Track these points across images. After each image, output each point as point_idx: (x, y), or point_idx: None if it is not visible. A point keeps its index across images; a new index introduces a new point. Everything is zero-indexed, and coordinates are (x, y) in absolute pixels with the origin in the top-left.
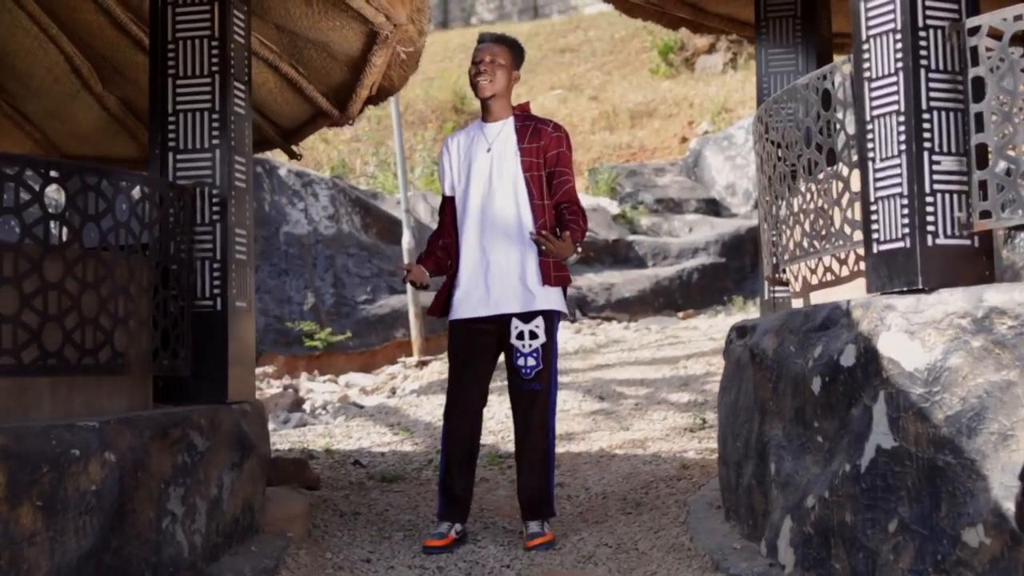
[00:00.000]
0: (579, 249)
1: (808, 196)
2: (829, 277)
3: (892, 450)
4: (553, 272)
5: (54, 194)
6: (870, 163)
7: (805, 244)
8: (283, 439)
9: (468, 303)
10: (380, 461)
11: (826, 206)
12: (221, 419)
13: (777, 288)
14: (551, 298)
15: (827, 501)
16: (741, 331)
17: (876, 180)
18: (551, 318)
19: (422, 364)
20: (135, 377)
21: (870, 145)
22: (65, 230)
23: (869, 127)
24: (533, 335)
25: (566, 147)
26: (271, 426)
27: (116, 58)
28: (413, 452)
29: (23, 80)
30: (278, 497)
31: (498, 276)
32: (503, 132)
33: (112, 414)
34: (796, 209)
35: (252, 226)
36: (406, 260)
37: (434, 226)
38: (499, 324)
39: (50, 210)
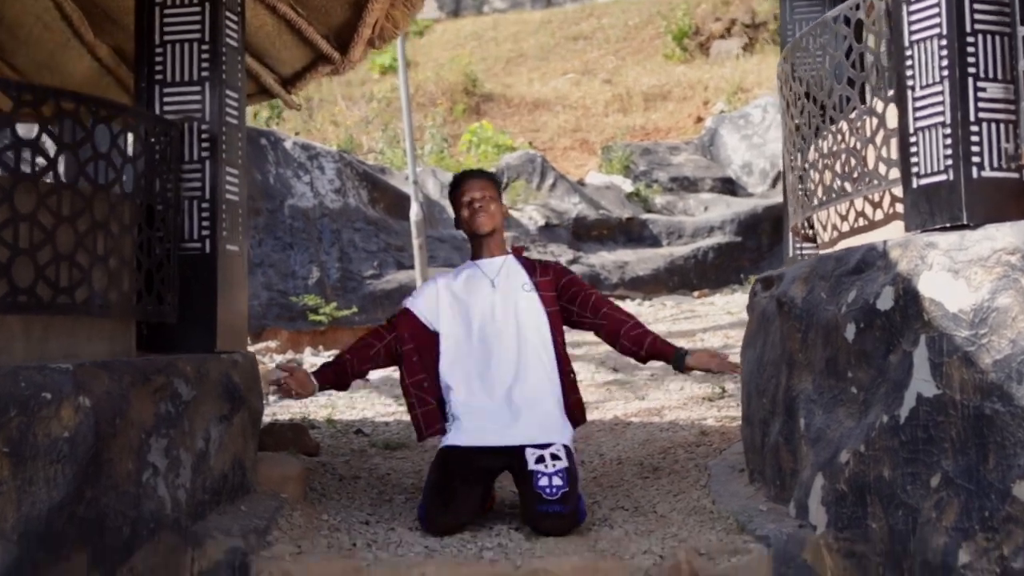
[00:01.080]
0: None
1: (839, 137)
2: (861, 222)
3: (934, 398)
4: (581, 411)
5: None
6: (909, 92)
7: (836, 187)
8: (283, 410)
9: (471, 432)
10: (384, 430)
11: (859, 145)
12: (209, 368)
13: (803, 245)
14: (567, 433)
15: (863, 456)
16: (767, 282)
17: (916, 110)
18: (569, 449)
19: None
20: (116, 322)
21: (909, 73)
22: (40, 160)
23: (908, 53)
24: (555, 457)
25: (574, 276)
26: (271, 398)
27: (107, 3)
28: None
29: (12, 30)
30: (272, 459)
31: (507, 409)
32: (505, 268)
33: (90, 359)
34: (826, 151)
35: (245, 166)
36: (415, 234)
37: (446, 202)
38: (506, 457)
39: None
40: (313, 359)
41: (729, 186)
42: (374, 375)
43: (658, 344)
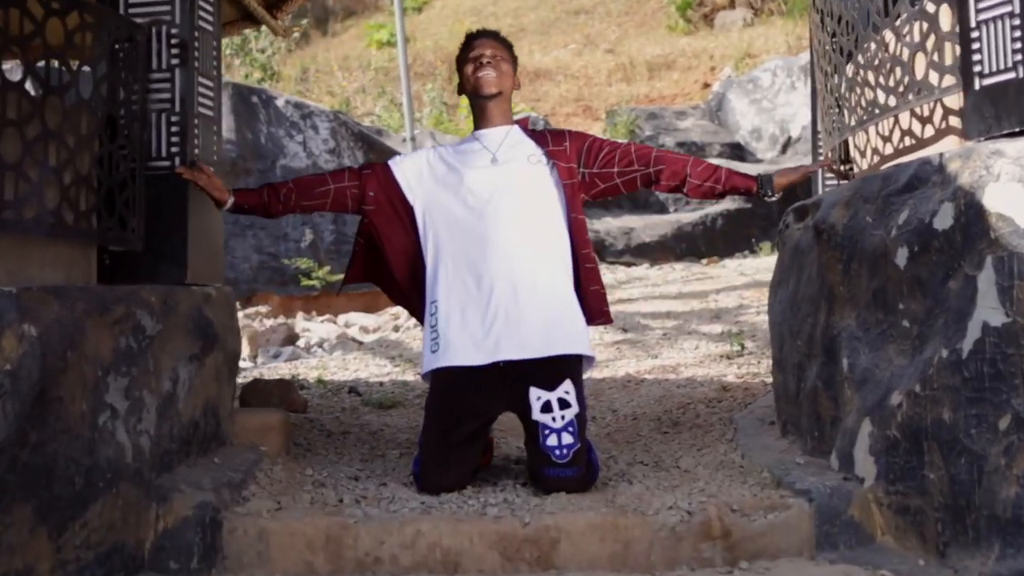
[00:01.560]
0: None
1: (881, 47)
2: (908, 142)
3: (1003, 328)
4: (601, 305)
5: None
6: None
7: (879, 103)
8: (272, 372)
9: (464, 346)
10: (378, 389)
11: (906, 53)
12: (177, 300)
13: (829, 180)
14: (582, 339)
15: (918, 397)
16: (800, 211)
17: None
18: (579, 372)
19: None
20: (73, 247)
21: None
22: None
23: None
24: (564, 403)
25: (596, 137)
26: (260, 360)
27: None
28: (415, 381)
29: None
30: (253, 411)
31: (513, 312)
32: (508, 139)
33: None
34: (866, 64)
35: (220, 78)
36: None
37: None
38: (507, 382)
39: None
40: (304, 324)
41: (738, 152)
42: (368, 338)
43: (735, 174)
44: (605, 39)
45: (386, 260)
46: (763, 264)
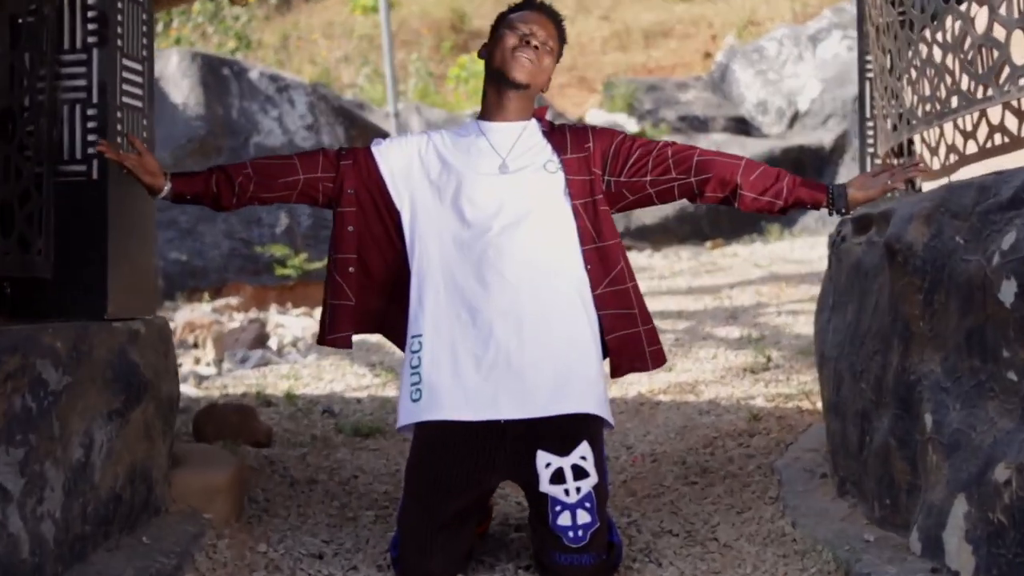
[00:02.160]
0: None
1: (962, 28)
2: (999, 140)
3: None
4: (636, 348)
5: None
6: None
7: (961, 92)
8: (237, 382)
9: (454, 398)
10: (355, 409)
11: (998, 31)
12: (92, 342)
13: None
14: (598, 397)
15: None
16: (862, 223)
17: None
18: (599, 432)
19: None
20: None
21: None
22: None
23: None
24: (580, 472)
25: (626, 135)
26: (226, 366)
27: None
28: (396, 399)
29: None
30: (201, 457)
31: (516, 358)
32: (523, 140)
33: None
34: (944, 43)
35: (151, 60)
36: None
37: None
38: (508, 444)
39: None
40: (279, 319)
41: (743, 126)
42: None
43: (800, 185)
44: (598, 5)
45: (365, 275)
46: (776, 252)
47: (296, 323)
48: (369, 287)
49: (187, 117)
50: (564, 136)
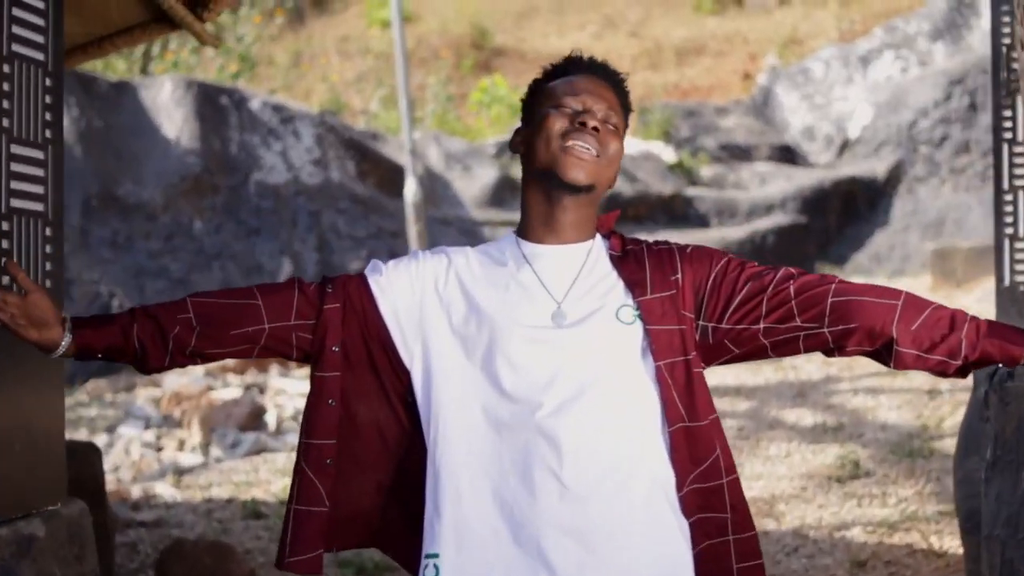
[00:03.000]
0: None
1: None
2: None
3: None
4: (737, 564)
5: None
6: None
7: None
8: (223, 478)
9: None
10: None
11: None
12: None
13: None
14: None
15: None
16: None
17: None
18: None
19: None
20: None
21: None
22: None
23: None
24: None
25: (730, 257)
26: (213, 452)
27: None
28: None
29: None
30: None
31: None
32: (588, 273)
33: None
34: None
35: (59, 146)
36: (412, 217)
37: (451, 176)
38: None
39: None
40: (280, 383)
41: (788, 155)
42: None
43: (984, 336)
44: (626, 20)
45: (352, 465)
46: None
47: (298, 388)
48: (356, 482)
49: (180, 152)
50: (642, 263)
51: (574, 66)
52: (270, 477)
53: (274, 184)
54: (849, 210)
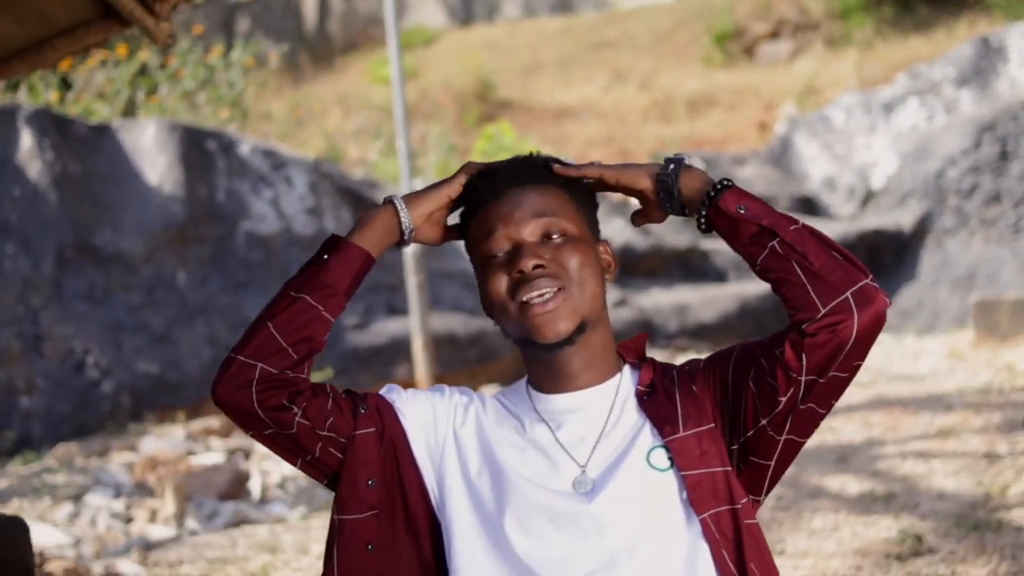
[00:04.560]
0: None
1: None
2: None
3: None
4: None
5: None
6: None
7: None
8: (195, 554)
9: None
10: None
11: None
12: None
13: None
14: None
15: None
16: None
17: None
18: None
19: None
20: None
21: None
22: None
23: None
24: None
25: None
26: (188, 523)
27: None
28: None
29: None
30: None
31: None
32: (615, 417)
33: None
34: None
35: None
36: (411, 270)
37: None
38: None
39: None
40: (266, 450)
41: (809, 206)
42: None
43: None
44: (635, 73)
45: None
46: (872, 363)
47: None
48: None
49: (163, 199)
50: (672, 394)
51: (484, 187)
52: (248, 553)
53: (264, 234)
54: (874, 264)
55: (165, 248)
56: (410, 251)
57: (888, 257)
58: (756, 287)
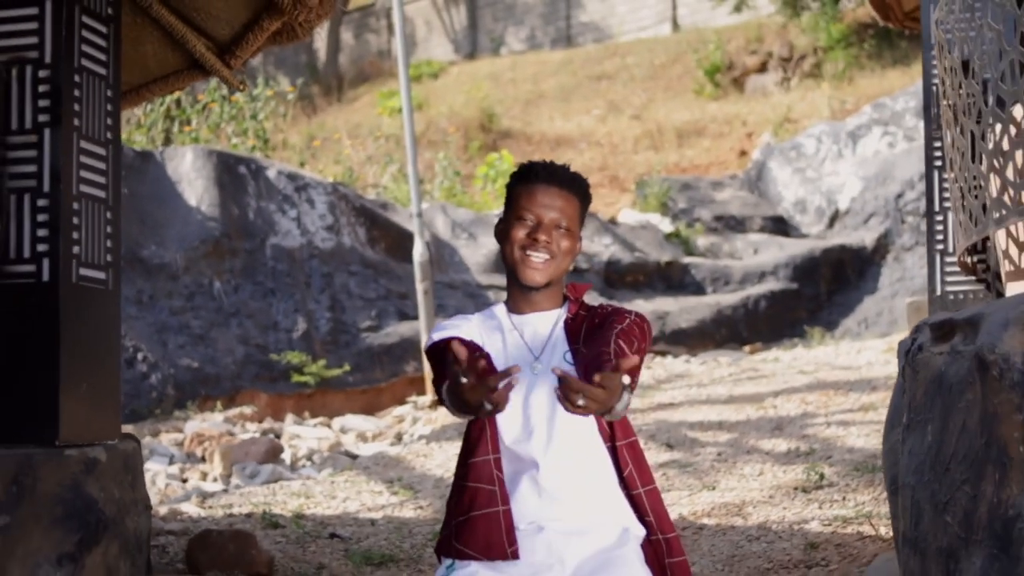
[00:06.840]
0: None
1: None
2: None
3: None
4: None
5: None
6: None
7: None
8: (244, 500)
9: None
10: (368, 532)
11: None
12: (38, 474)
13: (952, 278)
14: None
15: None
16: (942, 329)
17: None
18: None
19: (436, 404)
20: None
21: None
22: None
23: None
24: None
25: (640, 331)
26: (233, 481)
27: None
28: (415, 519)
29: None
30: None
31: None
32: (557, 331)
33: None
34: None
35: (118, 143)
36: (419, 279)
37: (457, 243)
38: None
39: None
40: (295, 429)
41: (781, 226)
42: (365, 451)
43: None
44: (630, 104)
45: None
46: (820, 358)
47: (312, 434)
48: None
49: (201, 217)
50: (589, 321)
51: (537, 174)
52: (286, 499)
53: (289, 248)
54: (839, 277)
55: (203, 260)
56: (418, 261)
57: (852, 271)
58: (730, 298)
